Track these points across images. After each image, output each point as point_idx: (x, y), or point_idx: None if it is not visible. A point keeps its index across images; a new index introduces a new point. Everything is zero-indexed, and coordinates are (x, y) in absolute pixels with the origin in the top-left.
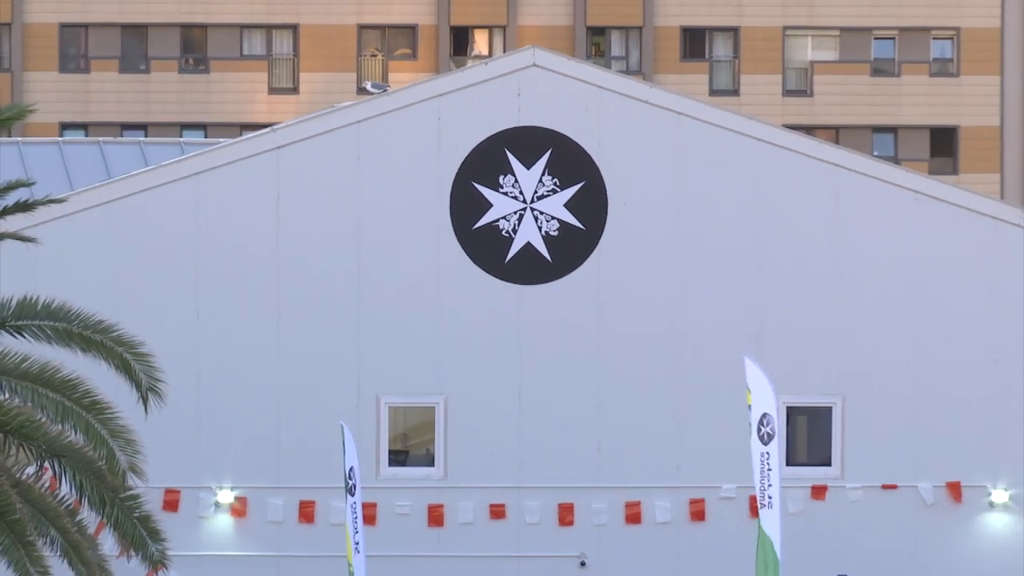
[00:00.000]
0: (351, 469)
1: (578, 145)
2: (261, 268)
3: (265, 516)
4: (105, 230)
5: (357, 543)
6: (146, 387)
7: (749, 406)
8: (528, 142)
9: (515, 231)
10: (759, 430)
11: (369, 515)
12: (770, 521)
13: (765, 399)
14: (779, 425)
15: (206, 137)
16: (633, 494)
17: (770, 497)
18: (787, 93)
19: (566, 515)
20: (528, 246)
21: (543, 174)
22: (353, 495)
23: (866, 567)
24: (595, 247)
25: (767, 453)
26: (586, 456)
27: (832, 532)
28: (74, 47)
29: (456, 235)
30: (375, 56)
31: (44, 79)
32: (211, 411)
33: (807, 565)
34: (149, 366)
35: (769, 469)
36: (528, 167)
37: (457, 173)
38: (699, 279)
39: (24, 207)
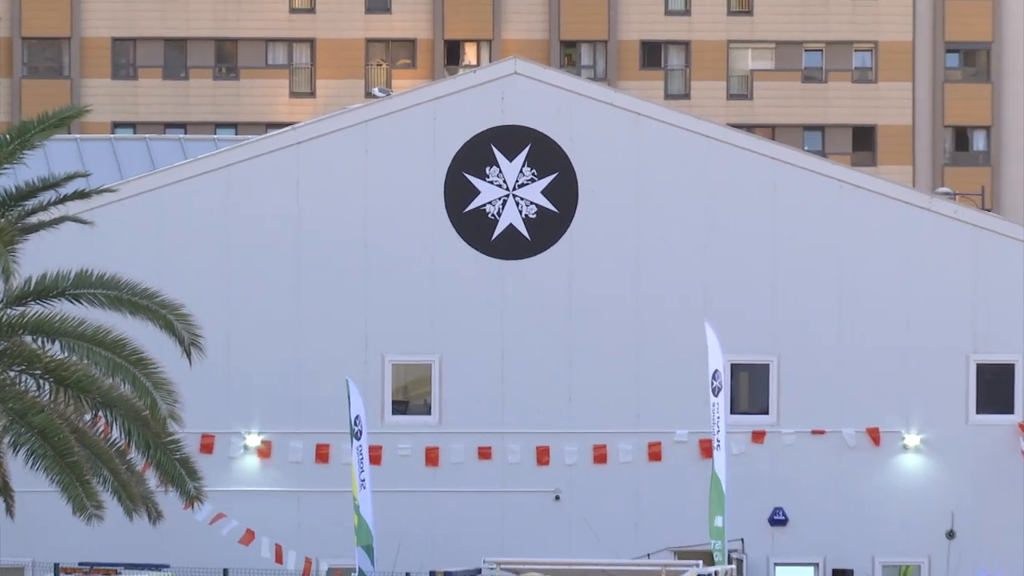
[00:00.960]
0: (357, 417)
1: (553, 141)
2: (282, 245)
3: (287, 457)
4: (150, 213)
5: (363, 480)
6: (188, 342)
7: (709, 363)
8: (510, 138)
9: (499, 214)
10: (711, 384)
11: (375, 456)
12: (719, 461)
13: (715, 357)
14: (725, 379)
15: (236, 134)
16: (599, 438)
17: (719, 441)
18: (731, 97)
19: (543, 456)
20: (510, 227)
21: (523, 166)
22: (359, 439)
23: (798, 501)
24: (567, 228)
25: (716, 403)
26: (559, 406)
27: (769, 471)
28: (124, 57)
29: (449, 217)
30: (380, 66)
31: (98, 85)
32: (240, 367)
33: (748, 499)
34: (189, 324)
35: (717, 416)
36: (510, 160)
37: (450, 164)
38: (656, 255)
39: (81, 195)
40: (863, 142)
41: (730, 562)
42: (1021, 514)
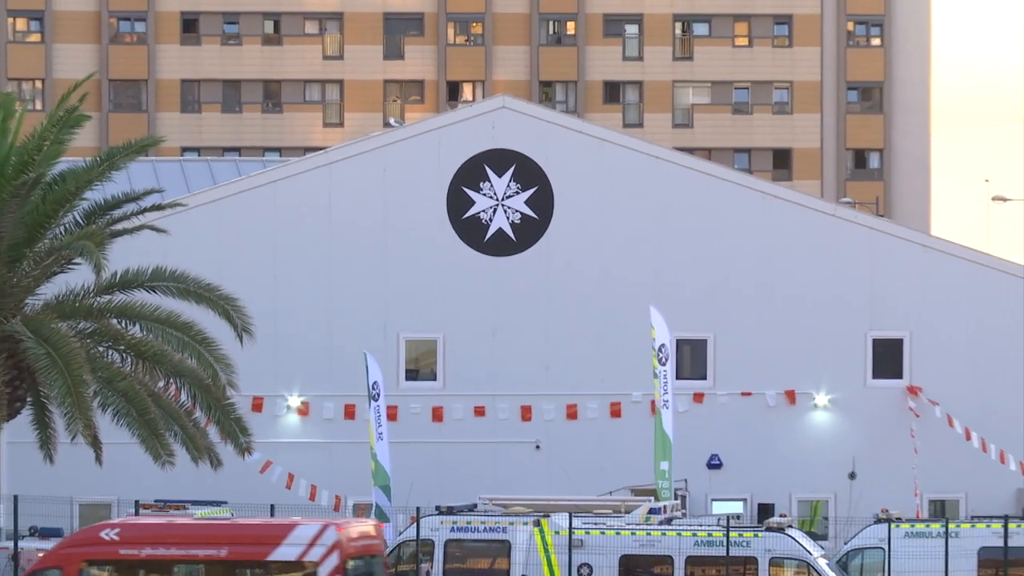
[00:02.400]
0: (375, 383)
1: (534, 161)
2: (317, 245)
3: (321, 415)
4: (212, 220)
5: (380, 433)
6: (241, 328)
7: (653, 339)
8: (499, 159)
9: (491, 220)
10: (659, 355)
11: (391, 414)
12: (666, 418)
13: (663, 334)
14: (671, 351)
15: (280, 156)
16: (571, 399)
17: (666, 401)
18: (675, 126)
19: (526, 413)
20: (500, 230)
21: (510, 181)
22: (376, 401)
23: (730, 449)
24: (545, 231)
25: (664, 371)
26: (539, 373)
27: (707, 425)
28: (190, 95)
29: (450, 223)
30: (395, 101)
31: (169, 117)
32: (284, 342)
33: (690, 448)
34: (242, 313)
35: (665, 382)
36: (499, 176)
37: (451, 180)
38: (617, 252)
39: (156, 207)
40: (781, 162)
41: (676, 498)
42: (909, 459)
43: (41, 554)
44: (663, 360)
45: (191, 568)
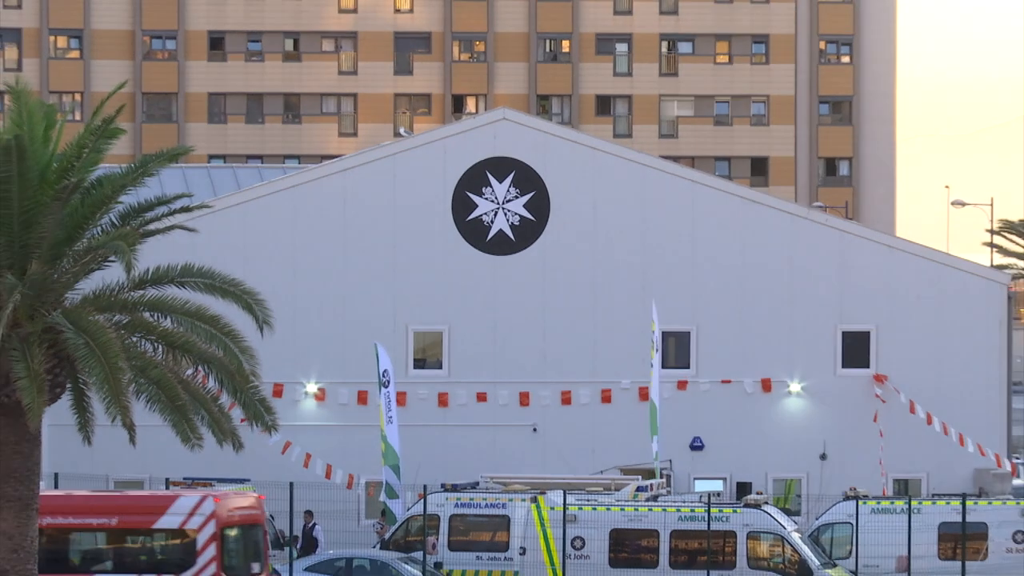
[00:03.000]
0: (385, 371)
1: (532, 168)
2: (333, 245)
3: (337, 400)
4: (238, 221)
5: (390, 417)
6: (262, 320)
7: (653, 331)
8: (500, 166)
9: (492, 222)
10: (655, 345)
11: (401, 399)
12: (656, 401)
13: (655, 323)
14: (659, 342)
15: (299, 163)
16: (565, 386)
17: (655, 386)
18: (661, 136)
19: (524, 399)
20: (500, 231)
21: (509, 186)
22: (387, 388)
23: (711, 432)
24: (542, 232)
25: (656, 361)
26: (537, 362)
27: (690, 410)
28: (217, 107)
29: (455, 224)
30: (404, 113)
31: (198, 127)
32: (302, 333)
33: (674, 431)
34: (264, 307)
35: (655, 368)
36: (500, 181)
37: (456, 185)
38: (608, 252)
39: (185, 209)
40: (759, 169)
41: (661, 476)
42: (875, 441)
43: None
44: (657, 350)
45: (85, 536)
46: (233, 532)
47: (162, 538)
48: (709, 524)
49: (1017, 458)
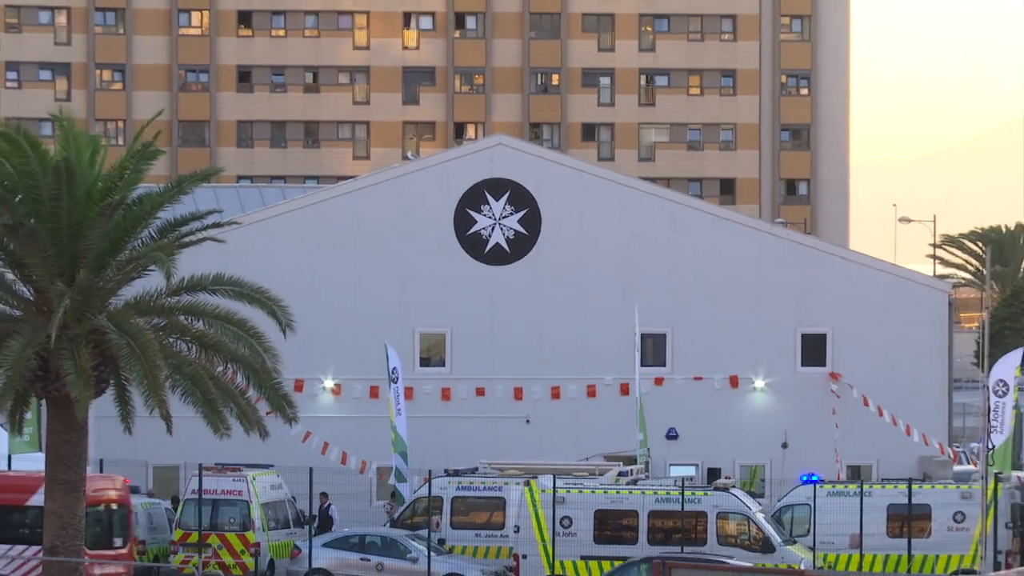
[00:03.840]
0: (394, 368)
1: (525, 188)
2: (348, 256)
3: (351, 394)
4: (263, 235)
5: (399, 410)
6: (284, 324)
7: (635, 333)
8: (497, 186)
9: (490, 236)
10: (636, 345)
11: (408, 394)
12: (636, 396)
13: (636, 327)
14: (638, 343)
15: (318, 183)
16: (555, 381)
17: (639, 383)
18: (640, 159)
19: (518, 394)
20: (497, 244)
21: (505, 204)
22: (396, 383)
23: (685, 423)
24: (534, 245)
25: (637, 359)
26: (529, 360)
27: (666, 404)
28: (245, 133)
29: (456, 238)
30: (412, 139)
31: (227, 151)
32: (320, 335)
33: (652, 422)
34: (286, 311)
35: (636, 367)
36: (497, 200)
37: (457, 203)
38: (593, 263)
39: (216, 225)
40: (727, 189)
41: (640, 463)
42: (830, 432)
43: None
44: (638, 350)
45: None
46: (97, 510)
47: (35, 514)
48: (683, 505)
49: (957, 447)
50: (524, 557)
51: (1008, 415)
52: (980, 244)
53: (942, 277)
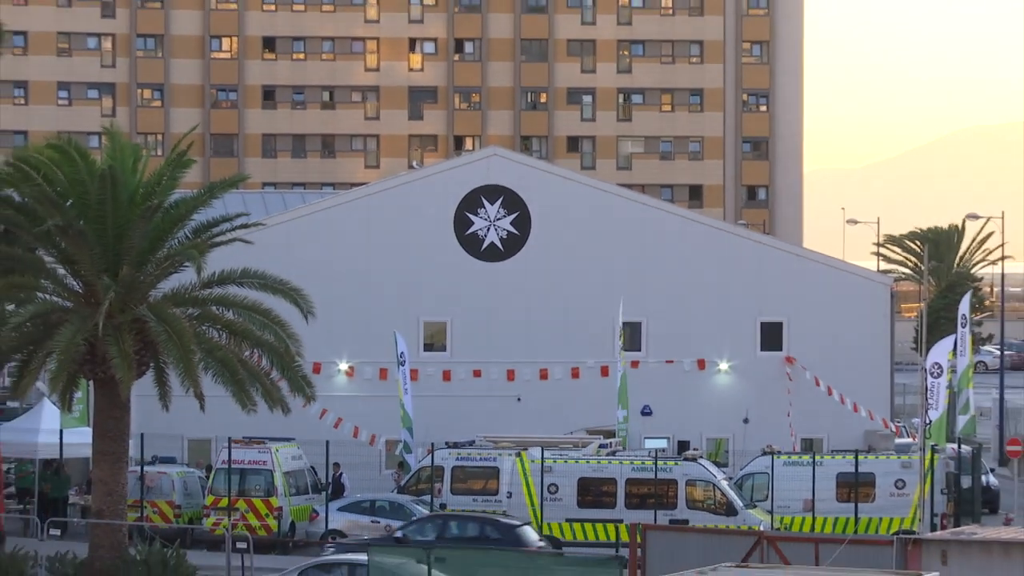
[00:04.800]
0: (402, 353)
1: (517, 193)
2: (360, 254)
3: (363, 376)
4: (285, 235)
5: (406, 389)
6: (306, 311)
7: (618, 322)
8: (492, 191)
9: (485, 236)
10: (618, 333)
11: (414, 375)
12: (619, 378)
13: (619, 317)
14: (618, 328)
15: (334, 189)
16: (543, 364)
17: (619, 365)
18: (619, 168)
19: (511, 375)
20: (492, 243)
21: (499, 207)
22: (403, 366)
23: (658, 401)
24: (525, 244)
25: (619, 345)
26: (521, 345)
27: (641, 384)
28: (269, 145)
29: (456, 238)
30: (416, 150)
31: (254, 161)
32: (336, 323)
33: (630, 400)
34: (306, 301)
35: (617, 351)
36: (492, 204)
37: (456, 206)
38: (577, 260)
39: (244, 226)
40: (695, 195)
41: (618, 437)
42: (785, 409)
43: (163, 473)
44: (620, 336)
45: None
46: None
47: None
48: (656, 474)
49: (898, 422)
50: None
51: (942, 394)
52: (919, 243)
53: (885, 272)
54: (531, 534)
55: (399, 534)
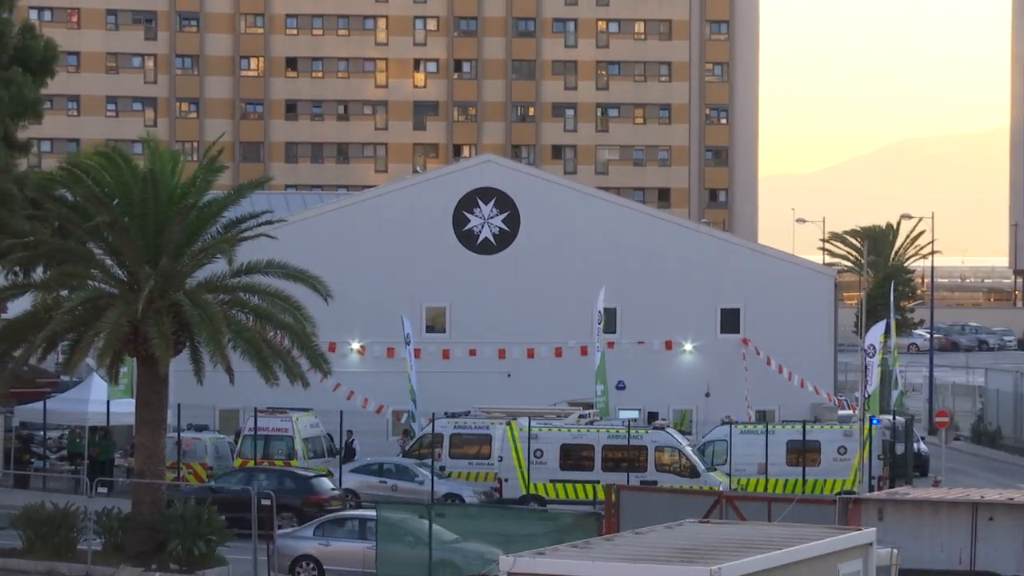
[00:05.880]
0: (407, 334)
1: (508, 195)
2: (372, 246)
3: (373, 354)
4: (305, 231)
5: (411, 366)
6: (325, 294)
7: (598, 308)
8: (486, 193)
9: (480, 232)
10: (597, 318)
11: (417, 353)
12: (598, 357)
13: (599, 304)
14: (598, 314)
15: (347, 191)
16: (530, 344)
17: (598, 346)
18: (597, 173)
19: (502, 354)
20: (486, 238)
21: (492, 207)
22: (408, 345)
23: (632, 376)
24: (515, 239)
25: (598, 329)
26: (511, 327)
27: (618, 363)
28: (291, 151)
29: (454, 233)
30: (420, 157)
31: (278, 165)
32: (349, 307)
33: (608, 376)
34: (324, 287)
35: (597, 334)
36: (486, 204)
37: (455, 206)
38: (559, 253)
39: (268, 223)
40: (664, 197)
41: (595, 409)
42: (742, 384)
43: (197, 438)
44: (599, 319)
45: None
46: None
47: None
48: (629, 441)
49: (840, 396)
50: (506, 480)
51: (875, 371)
52: (859, 240)
53: (829, 265)
54: (325, 483)
55: (213, 484)
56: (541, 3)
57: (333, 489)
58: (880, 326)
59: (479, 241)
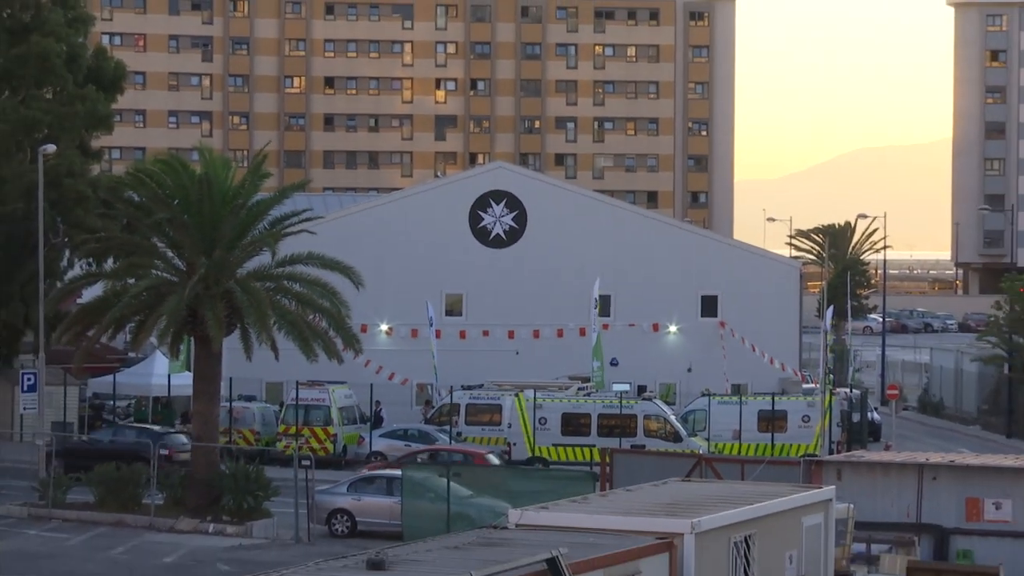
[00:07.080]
0: (431, 317)
1: (517, 197)
2: (398, 242)
3: (399, 335)
4: (341, 228)
5: (434, 344)
6: (357, 282)
7: (595, 295)
8: (498, 195)
9: (493, 228)
10: (594, 303)
11: (438, 334)
12: (595, 337)
13: (595, 290)
14: (594, 299)
15: (378, 193)
16: (535, 327)
17: (595, 328)
18: (594, 178)
19: (511, 335)
20: (498, 234)
21: (503, 207)
22: (431, 327)
23: (623, 354)
24: (523, 235)
25: (594, 313)
26: (519, 312)
27: (610, 342)
28: (329, 159)
29: (470, 230)
30: (441, 164)
31: (317, 170)
32: (379, 294)
33: (604, 354)
34: (357, 276)
35: (594, 317)
36: (498, 204)
37: (471, 206)
38: (562, 247)
39: (308, 220)
40: (652, 199)
41: (592, 382)
42: (719, 361)
43: (246, 407)
44: (595, 306)
45: None
46: None
47: None
48: (621, 410)
49: (805, 372)
50: (514, 444)
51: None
52: (821, 236)
53: (795, 258)
54: (179, 439)
55: (85, 437)
56: (546, 30)
57: (185, 444)
58: (829, 312)
59: (492, 237)
